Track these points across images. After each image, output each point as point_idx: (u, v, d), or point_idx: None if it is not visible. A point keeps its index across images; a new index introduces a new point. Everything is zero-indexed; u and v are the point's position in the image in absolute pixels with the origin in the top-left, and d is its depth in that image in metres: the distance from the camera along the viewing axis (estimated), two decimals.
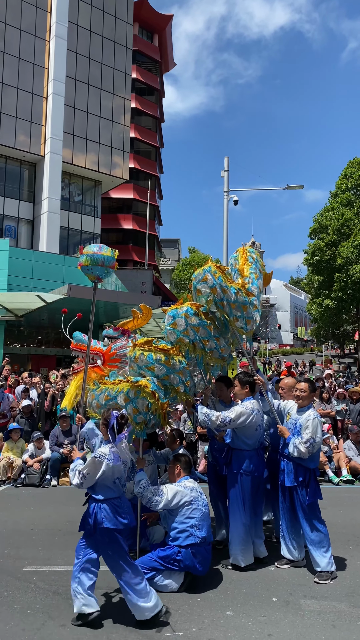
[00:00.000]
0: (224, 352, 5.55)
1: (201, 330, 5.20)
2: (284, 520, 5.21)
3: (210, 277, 5.07)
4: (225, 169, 19.10)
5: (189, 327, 5.14)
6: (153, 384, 4.90)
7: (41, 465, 8.88)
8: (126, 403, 4.89)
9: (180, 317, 5.15)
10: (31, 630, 3.89)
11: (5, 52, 29.51)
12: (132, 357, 5.16)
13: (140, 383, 4.85)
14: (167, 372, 5.09)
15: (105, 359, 5.73)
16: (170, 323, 5.22)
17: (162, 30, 47.03)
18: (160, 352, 5.08)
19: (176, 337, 5.22)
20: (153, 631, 3.87)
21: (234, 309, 5.18)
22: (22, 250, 25.20)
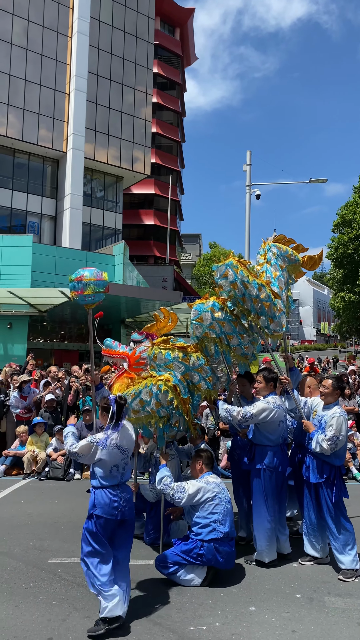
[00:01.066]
0: (247, 350, 5.50)
1: (226, 326, 5.19)
2: (309, 517, 5.18)
3: (231, 272, 5.03)
4: (248, 163, 18.97)
5: (215, 321, 5.14)
6: (175, 378, 4.95)
7: (65, 459, 8.98)
8: (150, 397, 4.94)
9: (206, 312, 5.16)
10: (56, 621, 3.95)
11: (28, 49, 29.74)
12: (150, 356, 5.20)
13: (163, 377, 4.92)
14: (186, 369, 5.11)
15: (130, 362, 5.82)
16: (196, 317, 5.23)
17: (184, 23, 46.80)
18: (178, 350, 5.11)
19: (202, 332, 5.22)
20: (177, 624, 3.90)
21: (256, 305, 5.11)
22: (45, 246, 25.46)
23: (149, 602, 4.29)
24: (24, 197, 30.96)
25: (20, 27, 29.48)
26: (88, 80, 31.51)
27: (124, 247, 24.75)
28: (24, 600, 4.30)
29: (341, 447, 4.95)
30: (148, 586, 4.60)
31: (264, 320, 5.20)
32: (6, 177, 30.34)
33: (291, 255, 5.70)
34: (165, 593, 4.47)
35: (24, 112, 29.53)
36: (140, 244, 43.22)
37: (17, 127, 29.30)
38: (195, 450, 5.51)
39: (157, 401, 4.92)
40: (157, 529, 5.54)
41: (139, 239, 43.79)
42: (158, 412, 5.00)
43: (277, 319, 5.24)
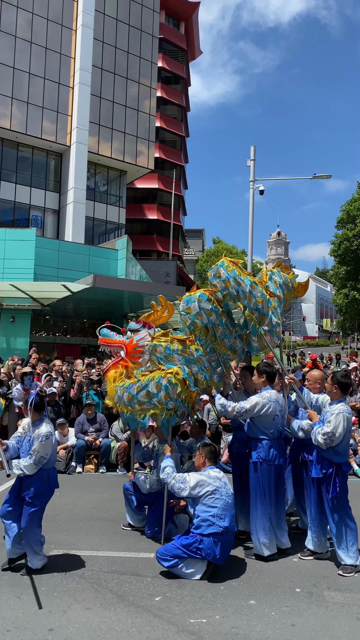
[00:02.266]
0: (234, 344, 5.60)
1: (213, 316, 5.38)
2: (311, 512, 5.20)
3: (223, 271, 5.25)
4: (252, 158, 18.89)
5: (202, 310, 5.35)
6: (184, 372, 5.03)
7: (66, 452, 9.02)
8: (158, 390, 5.01)
9: (193, 302, 5.37)
10: (57, 612, 3.98)
11: (32, 42, 29.64)
12: (150, 349, 5.29)
13: (172, 370, 5.00)
14: (186, 361, 5.24)
15: (127, 350, 5.91)
16: (185, 308, 5.45)
17: (189, 17, 46.54)
18: (177, 343, 5.25)
19: (192, 321, 5.42)
20: (177, 616, 3.92)
21: (250, 301, 5.25)
22: (48, 240, 25.46)
23: (150, 594, 4.32)
24: (27, 191, 30.93)
25: (24, 20, 29.38)
26: (92, 74, 31.41)
27: (127, 242, 24.74)
28: (25, 591, 4.33)
29: (342, 444, 4.93)
30: (148, 579, 4.63)
31: (257, 316, 5.32)
32: (10, 170, 30.32)
33: (289, 283, 5.96)
34: (166, 586, 4.50)
35: (28, 106, 29.48)
36: (143, 239, 43.17)
37: (20, 121, 29.25)
38: (200, 443, 5.54)
39: (167, 393, 5.00)
40: (157, 522, 5.57)
41: (142, 234, 43.73)
42: (166, 404, 5.08)
43: (269, 317, 5.37)
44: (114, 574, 4.72)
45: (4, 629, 3.71)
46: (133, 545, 5.50)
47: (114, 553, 5.24)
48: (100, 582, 4.52)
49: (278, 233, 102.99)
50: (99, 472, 9.03)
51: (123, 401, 5.44)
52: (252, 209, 18.83)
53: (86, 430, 9.29)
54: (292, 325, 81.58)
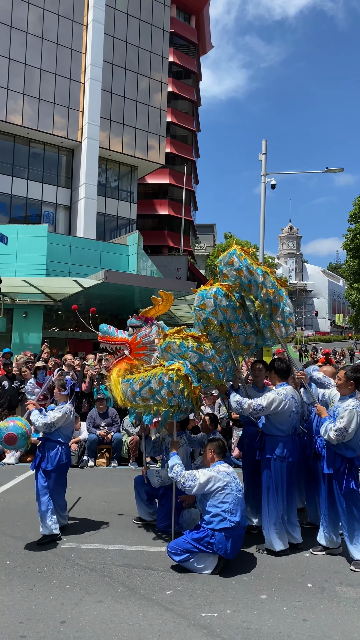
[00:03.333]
0: (249, 340, 5.50)
1: (229, 313, 5.20)
2: (323, 507, 5.17)
3: (236, 259, 5.08)
4: (263, 152, 18.79)
5: (217, 308, 5.16)
6: (186, 368, 4.96)
7: (79, 446, 9.07)
8: (160, 387, 4.97)
9: (209, 298, 5.17)
10: (69, 605, 4.00)
11: (43, 38, 29.66)
12: (163, 346, 5.21)
13: (174, 366, 4.94)
14: (200, 359, 5.13)
15: (131, 348, 5.78)
16: (200, 304, 5.27)
17: (200, 11, 46.26)
18: (191, 340, 5.13)
19: (205, 317, 5.25)
20: (188, 610, 3.93)
21: (262, 291, 5.13)
22: (60, 235, 25.54)
23: (161, 588, 4.33)
24: (39, 187, 31.04)
25: (35, 16, 29.39)
26: (103, 69, 31.37)
27: (138, 237, 24.74)
28: (37, 584, 4.37)
29: (353, 440, 4.90)
30: (160, 572, 4.64)
31: (268, 308, 5.21)
32: (22, 166, 30.43)
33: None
34: (177, 580, 4.51)
35: (39, 102, 29.53)
36: (154, 234, 43.15)
37: (32, 117, 29.32)
38: (208, 439, 5.53)
39: (169, 390, 4.94)
40: (168, 516, 5.58)
41: (153, 229, 43.71)
42: (169, 401, 5.03)
43: (280, 308, 5.25)
44: (125, 567, 4.74)
45: (17, 620, 3.74)
46: (144, 539, 5.52)
47: (126, 547, 5.27)
48: (112, 576, 4.55)
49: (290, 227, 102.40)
50: (110, 466, 9.07)
51: (127, 397, 5.44)
52: (263, 203, 18.74)
53: (98, 425, 9.34)
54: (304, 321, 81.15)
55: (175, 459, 5.01)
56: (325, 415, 5.08)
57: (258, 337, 5.62)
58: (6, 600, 4.06)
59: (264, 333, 5.59)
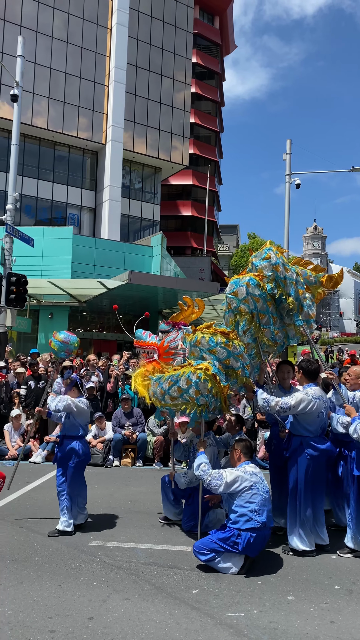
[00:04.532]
0: (277, 336, 5.48)
1: (260, 302, 5.21)
2: (352, 510, 5.11)
3: (273, 255, 5.15)
4: (288, 152, 18.67)
5: (249, 296, 5.17)
6: (214, 367, 4.98)
7: (104, 446, 9.15)
8: (188, 386, 4.99)
9: (242, 286, 5.19)
10: (97, 601, 4.05)
11: (68, 42, 30.04)
12: (193, 341, 5.24)
13: (202, 366, 4.97)
14: (228, 355, 5.15)
15: (160, 352, 5.97)
16: (232, 291, 5.28)
17: (223, 11, 46.20)
18: (220, 335, 5.15)
19: (236, 306, 5.26)
20: (215, 609, 3.94)
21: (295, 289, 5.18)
22: (85, 237, 25.83)
23: (187, 587, 4.35)
24: (64, 190, 31.43)
25: (60, 21, 29.79)
26: (127, 72, 31.60)
27: (162, 239, 24.85)
28: (65, 580, 4.43)
29: None
30: (186, 572, 4.66)
31: (297, 307, 5.24)
32: (47, 169, 30.86)
33: (310, 277, 5.72)
34: (203, 579, 4.51)
35: (64, 105, 29.91)
36: (177, 235, 43.23)
37: (57, 120, 29.72)
38: (234, 439, 5.52)
39: (197, 389, 4.97)
40: (195, 516, 5.59)
41: (176, 230, 43.80)
42: (197, 400, 5.06)
43: (305, 309, 5.28)
44: (151, 565, 4.77)
45: (46, 615, 3.80)
46: (170, 538, 5.55)
47: (152, 545, 5.30)
48: (139, 574, 4.58)
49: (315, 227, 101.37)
50: (135, 466, 9.13)
51: (157, 396, 5.49)
52: (288, 203, 18.61)
53: (123, 424, 9.40)
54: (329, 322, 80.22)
55: (202, 458, 5.03)
56: (355, 415, 5.03)
57: (285, 335, 5.60)
58: (35, 595, 4.12)
59: (287, 331, 5.58)
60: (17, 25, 28.16)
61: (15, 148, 14.69)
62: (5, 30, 27.75)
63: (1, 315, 13.37)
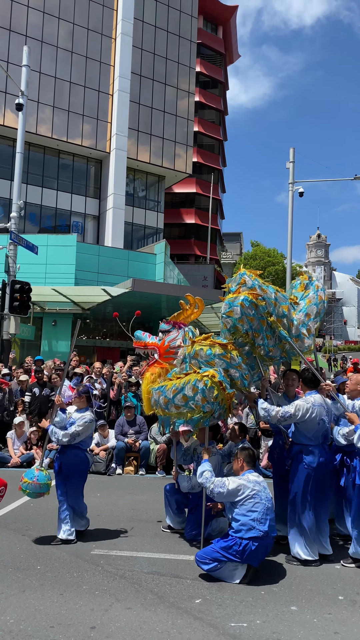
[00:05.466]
0: (271, 352, 5.49)
1: (255, 322, 5.22)
2: (355, 519, 5.08)
3: (248, 278, 5.18)
4: (291, 160, 18.74)
5: (244, 316, 5.18)
6: (220, 375, 5.00)
7: (107, 454, 9.13)
8: (194, 393, 5.01)
9: (236, 306, 5.20)
10: (99, 610, 4.03)
11: (73, 52, 30.32)
12: (191, 353, 5.26)
13: (208, 373, 4.99)
14: (227, 366, 5.18)
15: (160, 352, 5.95)
16: (227, 311, 5.31)
17: (227, 21, 46.56)
18: (218, 347, 5.19)
19: (233, 325, 5.29)
20: (217, 619, 3.91)
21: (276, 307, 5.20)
22: (89, 245, 25.92)
23: (190, 596, 4.32)
24: (68, 198, 31.59)
25: (65, 31, 30.09)
26: (131, 81, 31.85)
27: (165, 246, 24.91)
28: (68, 589, 4.41)
29: None
30: (188, 581, 4.64)
31: (285, 323, 5.25)
32: (51, 177, 31.05)
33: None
34: (206, 589, 4.49)
35: (69, 114, 30.13)
36: (181, 243, 43.33)
37: (62, 129, 29.94)
38: (238, 447, 5.51)
39: (204, 397, 4.98)
40: (197, 525, 5.57)
41: (180, 238, 43.91)
42: (203, 407, 5.07)
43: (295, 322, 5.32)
44: (154, 575, 4.75)
45: (47, 625, 3.79)
46: (173, 547, 5.52)
47: (154, 554, 5.28)
48: (141, 583, 4.56)
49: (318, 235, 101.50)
50: (138, 474, 9.10)
51: (159, 404, 5.48)
52: (291, 211, 18.66)
53: (126, 432, 9.39)
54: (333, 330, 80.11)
55: (206, 465, 5.02)
56: (358, 422, 5.02)
57: (281, 350, 5.61)
58: (37, 604, 4.11)
59: (283, 346, 5.59)
60: (23, 35, 28.44)
61: (20, 156, 14.80)
62: (10, 40, 28.04)
63: (5, 322, 13.42)
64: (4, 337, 14.19)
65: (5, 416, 10.38)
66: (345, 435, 5.19)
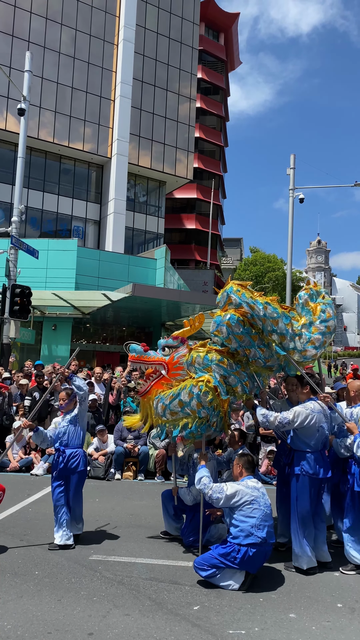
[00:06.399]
0: (270, 363, 5.38)
1: (245, 339, 5.08)
2: (355, 526, 5.07)
3: (234, 296, 4.96)
4: (291, 167, 18.79)
5: (231, 335, 5.04)
6: (215, 380, 4.98)
7: (106, 459, 9.11)
8: (190, 398, 5.00)
9: (222, 325, 5.06)
10: (97, 617, 4.01)
11: (75, 58, 30.47)
12: (189, 360, 5.23)
13: (203, 378, 4.97)
14: (225, 372, 5.11)
15: (169, 368, 5.73)
16: (214, 330, 5.18)
17: (228, 28, 46.83)
18: (215, 353, 5.13)
19: (222, 344, 5.20)
20: (215, 626, 3.90)
21: (265, 324, 4.98)
22: (89, 250, 25.97)
23: (188, 603, 4.31)
24: (69, 202, 31.67)
25: (68, 37, 30.25)
26: (133, 87, 31.99)
27: (166, 251, 24.96)
28: (66, 595, 4.39)
29: None
30: (187, 587, 4.62)
31: (276, 337, 5.06)
32: (53, 182, 31.13)
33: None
34: (204, 595, 4.47)
35: (71, 119, 30.25)
36: (181, 248, 43.39)
37: (63, 133, 30.05)
38: (237, 453, 5.50)
39: (199, 402, 4.97)
40: (196, 531, 5.56)
41: (180, 243, 43.97)
42: (198, 412, 5.06)
43: (288, 335, 5.05)
44: (152, 581, 4.73)
45: (45, 631, 3.77)
46: (171, 553, 5.51)
47: (152, 560, 5.26)
48: (139, 589, 4.54)
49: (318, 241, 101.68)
50: (137, 480, 9.08)
51: (157, 412, 5.46)
52: (291, 218, 18.70)
53: (125, 437, 9.37)
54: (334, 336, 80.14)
55: (204, 471, 5.00)
56: (357, 432, 5.01)
57: (278, 360, 5.51)
58: (35, 610, 4.09)
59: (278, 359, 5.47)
60: (25, 40, 28.60)
61: (21, 161, 14.84)
62: (13, 46, 28.19)
63: (5, 326, 13.42)
64: (4, 341, 14.18)
65: (4, 420, 10.36)
66: (348, 447, 5.15)
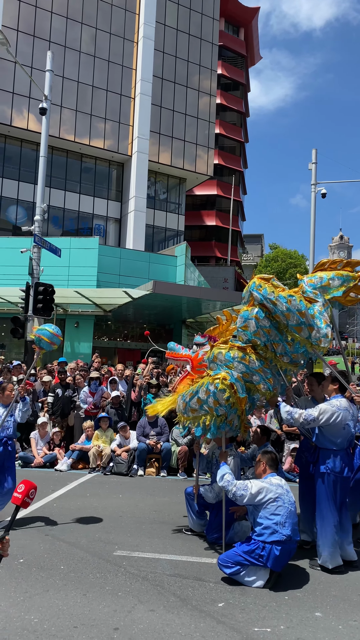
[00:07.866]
0: (296, 358, 5.32)
1: (272, 333, 5.03)
2: None
3: (256, 293, 4.92)
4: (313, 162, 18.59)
5: (259, 329, 4.99)
6: (232, 377, 4.94)
7: (128, 455, 9.16)
8: (207, 396, 4.99)
9: (250, 319, 5.02)
10: (122, 612, 4.04)
11: (95, 56, 30.60)
12: (210, 357, 5.21)
13: (220, 375, 4.94)
14: (246, 369, 5.02)
15: (193, 364, 5.95)
16: (242, 325, 5.14)
17: (248, 23, 46.47)
18: (237, 350, 5.06)
19: (248, 339, 5.12)
20: (241, 624, 3.88)
21: (289, 319, 4.87)
22: (110, 248, 26.10)
23: (213, 600, 4.30)
24: (90, 201, 31.87)
25: (88, 35, 30.38)
26: (153, 84, 31.99)
27: (186, 248, 24.93)
28: (91, 589, 4.43)
29: None
30: (211, 584, 4.62)
31: (305, 330, 4.89)
32: (74, 181, 31.36)
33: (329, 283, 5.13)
34: (229, 592, 4.46)
35: (91, 118, 30.41)
36: (202, 245, 43.32)
37: (84, 132, 30.22)
38: (260, 450, 5.47)
39: (215, 399, 4.95)
40: (219, 528, 5.54)
41: (200, 240, 43.91)
42: (216, 410, 5.03)
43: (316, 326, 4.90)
44: (176, 577, 4.74)
45: (71, 625, 3.81)
46: (195, 550, 5.51)
47: (176, 557, 5.27)
48: (164, 585, 4.56)
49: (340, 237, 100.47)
50: (160, 476, 9.11)
51: (180, 410, 5.48)
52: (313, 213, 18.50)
53: (147, 434, 9.41)
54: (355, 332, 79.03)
55: (226, 469, 4.99)
56: None
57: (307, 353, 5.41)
58: (61, 604, 4.13)
59: None
60: (46, 40, 28.81)
61: (43, 160, 14.96)
62: (35, 46, 28.42)
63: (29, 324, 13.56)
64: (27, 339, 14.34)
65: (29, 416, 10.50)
66: None
